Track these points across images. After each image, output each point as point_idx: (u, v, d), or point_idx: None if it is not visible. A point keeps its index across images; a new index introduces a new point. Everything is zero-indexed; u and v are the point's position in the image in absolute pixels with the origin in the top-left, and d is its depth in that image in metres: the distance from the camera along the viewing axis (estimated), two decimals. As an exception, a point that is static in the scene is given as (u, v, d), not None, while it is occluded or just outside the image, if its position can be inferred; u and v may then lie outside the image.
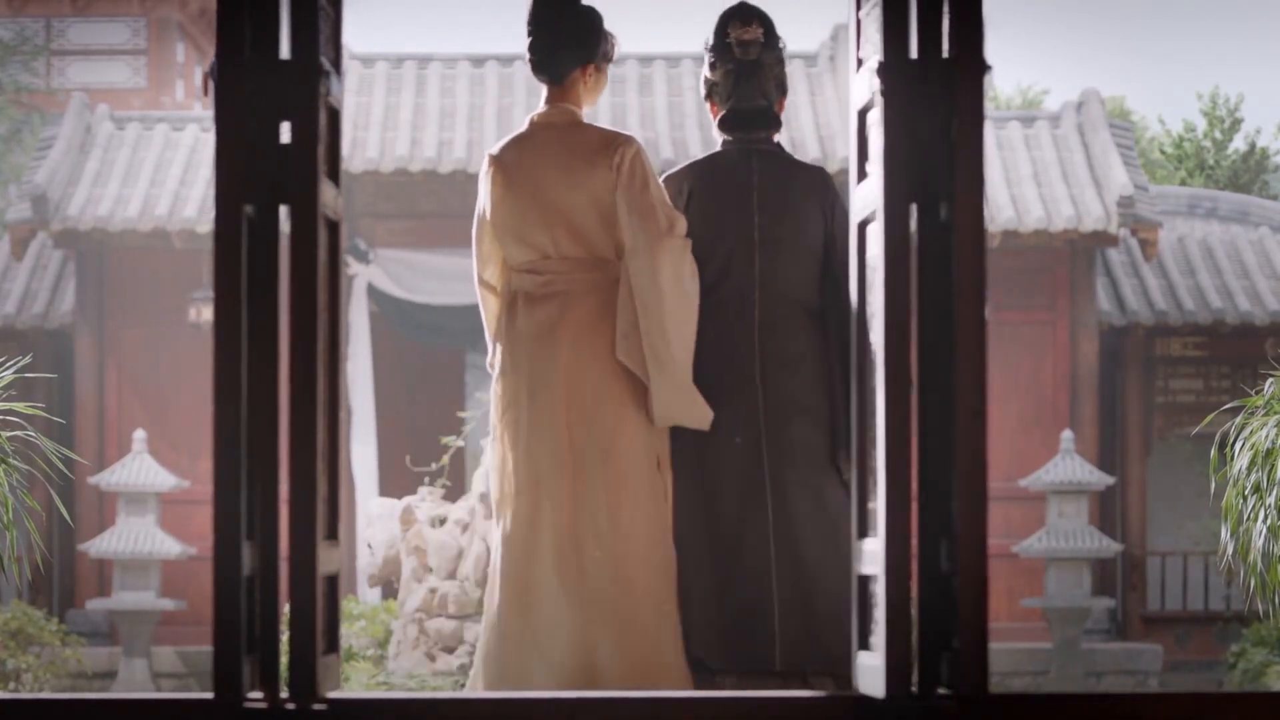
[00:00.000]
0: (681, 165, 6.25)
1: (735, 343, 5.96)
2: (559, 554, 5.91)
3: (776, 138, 6.21)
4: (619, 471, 5.90)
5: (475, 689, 6.10)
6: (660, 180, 6.13)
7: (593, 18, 6.08)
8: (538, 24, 6.06)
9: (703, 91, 6.29)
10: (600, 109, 20.02)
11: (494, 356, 6.12)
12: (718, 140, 6.26)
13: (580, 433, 5.91)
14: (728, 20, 6.14)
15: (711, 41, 6.18)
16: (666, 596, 5.92)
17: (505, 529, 6.02)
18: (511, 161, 6.04)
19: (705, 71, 6.24)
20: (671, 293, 5.85)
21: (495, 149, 6.13)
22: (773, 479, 5.92)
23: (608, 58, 6.15)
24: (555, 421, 5.92)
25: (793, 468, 5.93)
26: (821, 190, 6.03)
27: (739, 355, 5.96)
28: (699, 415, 5.93)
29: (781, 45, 6.18)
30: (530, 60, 6.10)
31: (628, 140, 6.04)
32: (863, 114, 5.11)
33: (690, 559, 5.96)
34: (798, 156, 6.13)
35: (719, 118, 6.18)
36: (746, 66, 6.11)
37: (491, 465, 6.14)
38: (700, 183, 6.08)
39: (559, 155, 6.00)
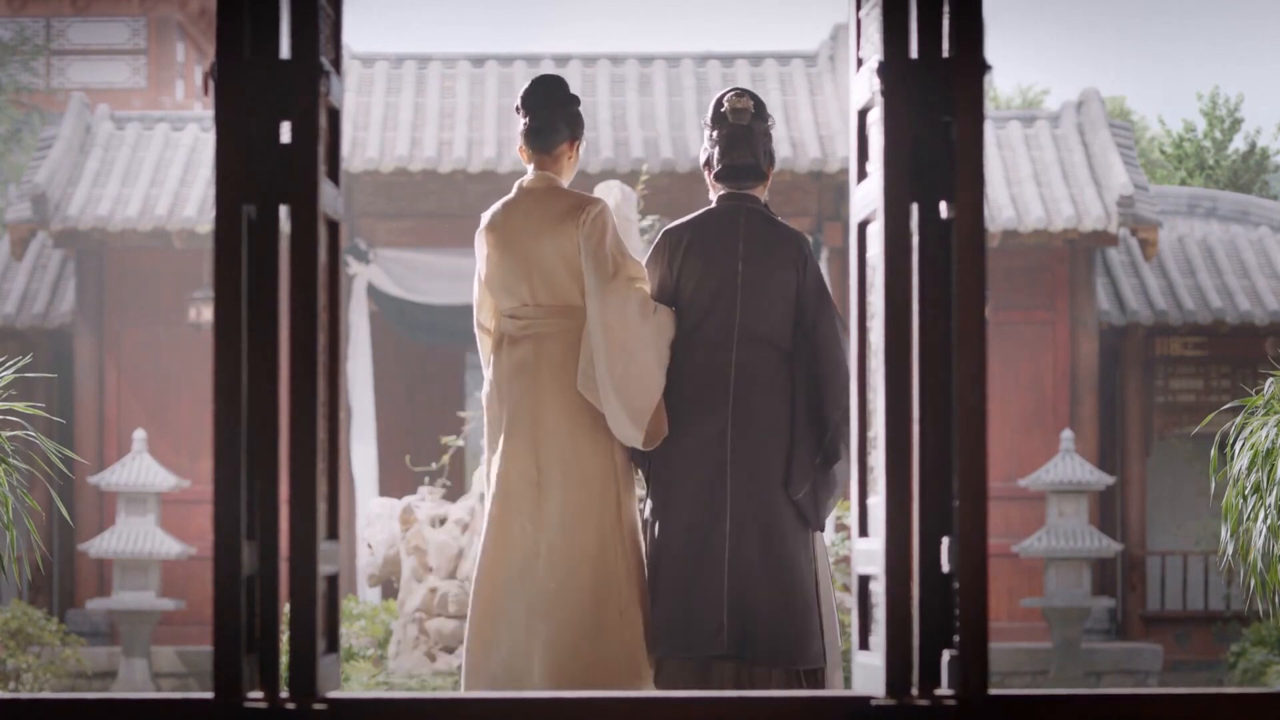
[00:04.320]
0: (683, 220, 6.98)
1: (713, 372, 6.74)
2: (524, 563, 6.68)
3: (764, 198, 6.98)
4: (575, 491, 6.68)
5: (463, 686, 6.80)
6: (662, 230, 6.96)
7: (579, 104, 7.00)
8: (537, 101, 6.93)
9: (701, 160, 7.04)
10: (600, 109, 20.04)
11: (488, 387, 6.97)
12: (713, 199, 6.99)
13: (545, 457, 6.72)
14: (723, 96, 6.96)
15: (709, 116, 6.98)
16: (629, 600, 6.64)
17: (483, 536, 6.80)
18: (499, 224, 6.89)
19: (704, 143, 7.00)
20: (617, 328, 6.66)
21: (488, 215, 6.95)
22: (733, 491, 6.65)
23: (583, 141, 7.05)
24: (527, 447, 6.74)
25: (750, 483, 6.67)
26: (797, 249, 6.82)
27: (715, 382, 6.73)
28: (631, 436, 6.71)
29: (771, 123, 6.98)
30: (527, 130, 6.96)
31: (594, 202, 6.84)
32: (863, 114, 5.12)
33: (664, 561, 6.68)
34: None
35: (714, 172, 6.94)
36: (739, 130, 6.89)
37: (482, 479, 7.02)
38: (696, 234, 6.86)
39: (537, 217, 6.82)
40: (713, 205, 6.95)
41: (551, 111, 6.90)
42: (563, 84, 7.00)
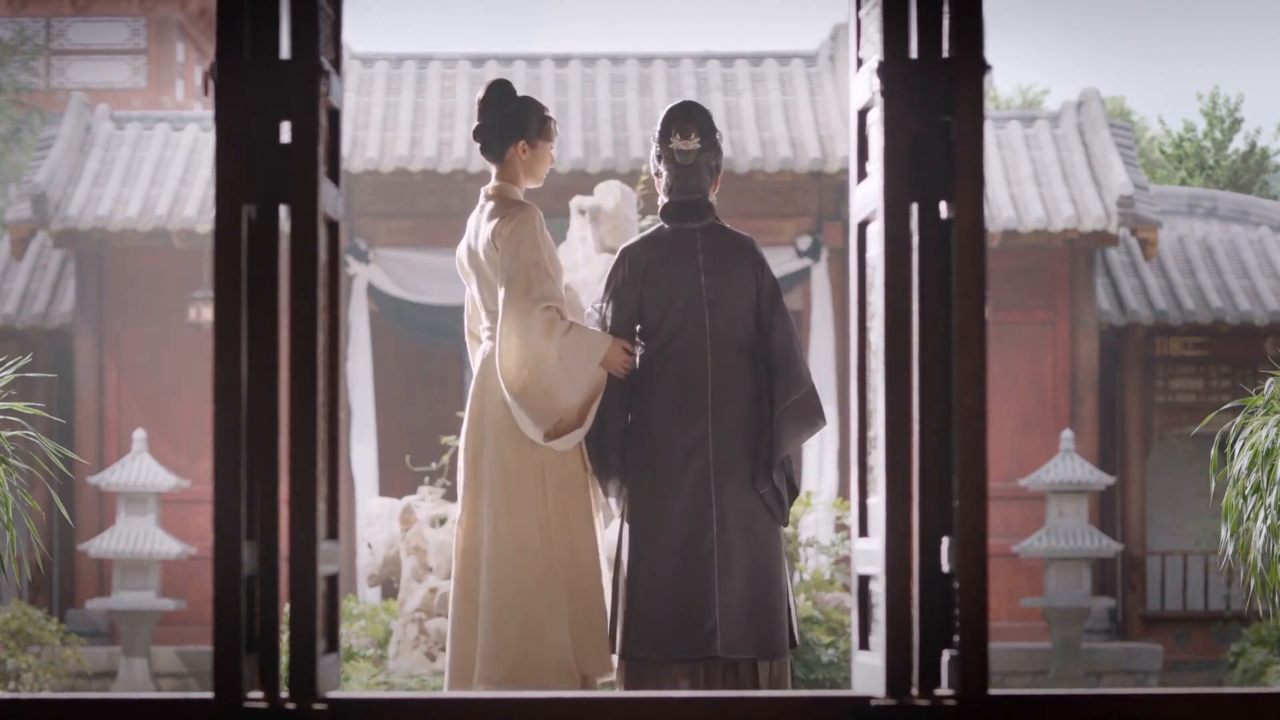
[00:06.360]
0: (638, 239, 7.22)
1: (692, 381, 6.99)
2: (472, 558, 6.96)
3: (713, 198, 7.18)
4: (502, 488, 6.91)
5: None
6: (620, 249, 7.16)
7: (526, 103, 7.09)
8: (480, 111, 7.07)
9: (652, 170, 7.26)
10: (600, 108, 20.04)
11: None
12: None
13: (485, 456, 6.96)
14: (670, 126, 7.15)
15: (657, 137, 7.19)
16: (557, 599, 6.79)
17: (456, 536, 7.13)
18: (467, 234, 7.14)
19: (652, 159, 7.24)
20: (515, 343, 6.82)
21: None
22: (718, 497, 6.90)
23: (544, 135, 7.10)
24: (475, 447, 7.01)
25: (732, 487, 6.92)
26: (753, 254, 7.12)
27: (693, 394, 6.97)
28: (532, 434, 6.87)
29: (718, 137, 7.18)
30: (479, 147, 7.13)
31: (517, 212, 6.97)
32: (863, 114, 5.12)
33: (645, 564, 6.86)
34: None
35: (661, 207, 7.18)
36: (684, 168, 7.13)
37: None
38: (655, 254, 7.11)
39: (480, 224, 7.05)
40: (665, 225, 7.19)
41: (489, 119, 7.03)
42: (503, 87, 7.09)
